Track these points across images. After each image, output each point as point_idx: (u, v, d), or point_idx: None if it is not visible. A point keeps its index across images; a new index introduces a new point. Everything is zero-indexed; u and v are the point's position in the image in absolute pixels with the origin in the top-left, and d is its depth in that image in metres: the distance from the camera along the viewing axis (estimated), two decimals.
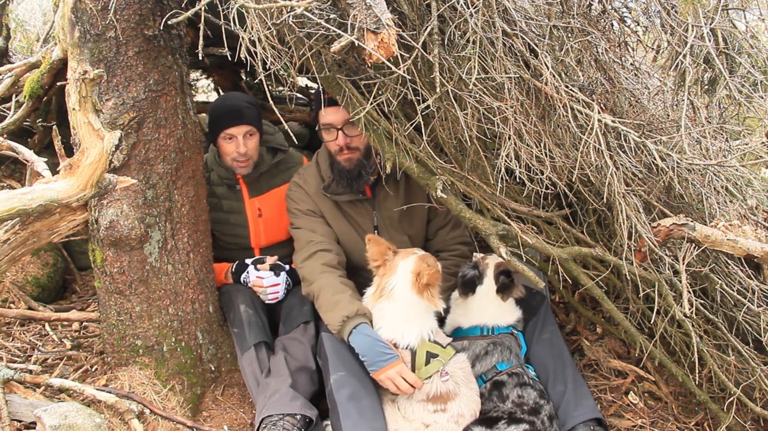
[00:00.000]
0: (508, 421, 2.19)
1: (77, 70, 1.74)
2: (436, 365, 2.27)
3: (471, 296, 2.52)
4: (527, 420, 2.20)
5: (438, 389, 2.26)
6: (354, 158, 2.53)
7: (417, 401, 2.27)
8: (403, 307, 2.31)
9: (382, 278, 2.38)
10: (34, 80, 3.06)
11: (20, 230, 1.97)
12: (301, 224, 2.67)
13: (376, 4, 1.63)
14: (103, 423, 2.09)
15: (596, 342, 2.86)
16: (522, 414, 2.22)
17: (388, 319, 2.32)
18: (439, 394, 2.25)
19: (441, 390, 2.25)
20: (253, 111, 2.83)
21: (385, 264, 2.39)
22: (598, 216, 2.49)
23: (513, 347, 2.44)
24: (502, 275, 2.47)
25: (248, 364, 2.55)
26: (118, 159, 2.26)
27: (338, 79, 2.05)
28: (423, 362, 2.27)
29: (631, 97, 2.42)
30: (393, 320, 2.32)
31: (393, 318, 2.32)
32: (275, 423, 2.20)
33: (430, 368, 2.27)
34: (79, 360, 2.65)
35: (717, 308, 2.31)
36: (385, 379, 2.23)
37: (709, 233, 2.04)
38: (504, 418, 2.21)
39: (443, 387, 2.26)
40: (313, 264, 2.50)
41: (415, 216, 2.71)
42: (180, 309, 2.50)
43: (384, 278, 2.37)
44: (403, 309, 2.31)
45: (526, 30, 2.00)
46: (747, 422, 2.33)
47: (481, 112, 1.96)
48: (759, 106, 2.10)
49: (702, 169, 2.24)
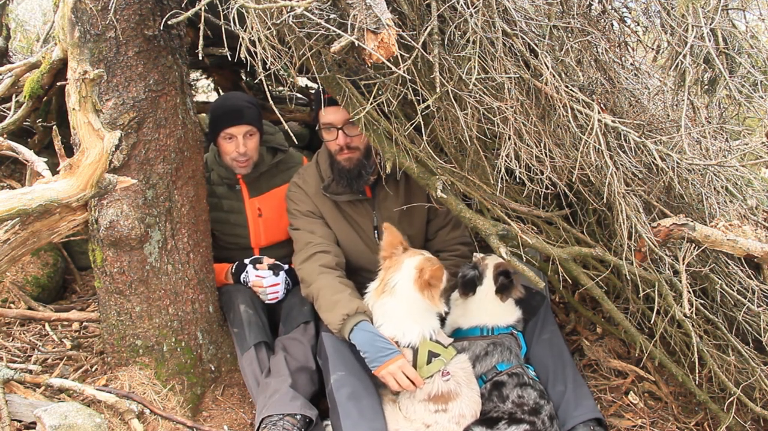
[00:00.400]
0: (509, 421, 2.19)
1: (77, 70, 1.74)
2: (437, 364, 2.27)
3: (471, 297, 2.52)
4: (528, 420, 2.20)
5: (440, 388, 2.25)
6: (354, 157, 2.53)
7: (418, 400, 2.27)
8: (405, 304, 2.31)
9: (387, 273, 2.37)
10: (34, 80, 3.06)
11: (20, 230, 1.97)
12: (301, 226, 2.66)
13: (376, 4, 1.63)
14: (103, 423, 2.09)
15: (596, 342, 2.86)
16: (522, 414, 2.22)
17: (390, 316, 2.32)
18: (440, 394, 2.25)
19: (442, 390, 2.25)
20: (253, 111, 2.83)
21: (392, 258, 2.38)
22: (598, 216, 2.49)
23: (513, 347, 2.44)
24: (501, 275, 2.47)
25: (248, 364, 2.55)
26: (118, 159, 2.26)
27: (338, 79, 2.05)
28: (425, 361, 2.27)
29: (631, 97, 2.42)
30: (395, 317, 2.31)
31: (395, 315, 2.31)
32: (275, 423, 2.20)
33: (432, 367, 2.26)
34: (79, 360, 2.65)
35: (717, 308, 2.31)
36: (387, 375, 2.22)
37: (709, 233, 2.04)
38: (504, 418, 2.21)
39: (444, 387, 2.25)
40: (312, 266, 2.50)
41: (415, 216, 2.71)
42: (180, 309, 2.50)
43: (388, 273, 2.36)
44: (406, 306, 2.31)
45: (526, 30, 2.00)
46: (747, 422, 2.33)
47: (481, 112, 1.96)
48: (759, 106, 2.09)
49: (702, 169, 2.24)
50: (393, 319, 2.31)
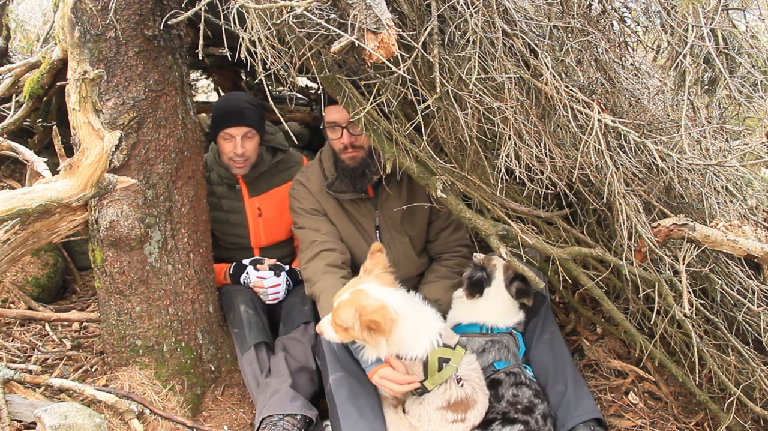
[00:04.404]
0: (503, 422, 2.19)
1: (77, 70, 1.74)
2: (448, 370, 2.19)
3: (478, 298, 2.51)
4: (521, 419, 2.18)
5: (458, 395, 2.18)
6: (358, 156, 2.53)
7: (435, 408, 2.20)
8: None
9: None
10: (34, 80, 3.06)
11: (20, 230, 1.97)
12: (305, 224, 2.66)
13: (376, 4, 1.63)
14: (103, 423, 2.09)
15: (596, 342, 2.86)
16: (516, 413, 2.21)
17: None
18: (459, 400, 2.18)
19: (461, 396, 2.19)
20: (254, 113, 2.83)
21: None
22: (598, 216, 2.49)
23: (511, 346, 2.44)
24: (516, 280, 2.47)
25: (248, 364, 2.55)
26: (118, 159, 2.26)
27: (338, 80, 2.05)
28: (435, 368, 2.18)
29: (631, 97, 2.42)
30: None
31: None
32: (275, 423, 2.20)
33: (444, 374, 2.19)
34: (79, 360, 2.65)
35: (717, 308, 2.31)
36: (377, 381, 2.19)
37: (709, 233, 2.04)
38: (498, 419, 2.20)
39: (462, 393, 2.19)
40: (317, 265, 2.49)
41: (416, 217, 2.71)
42: (180, 309, 2.50)
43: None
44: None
45: (526, 30, 1.99)
46: (747, 422, 2.33)
47: (481, 112, 1.96)
48: (759, 106, 2.10)
49: (702, 169, 2.24)
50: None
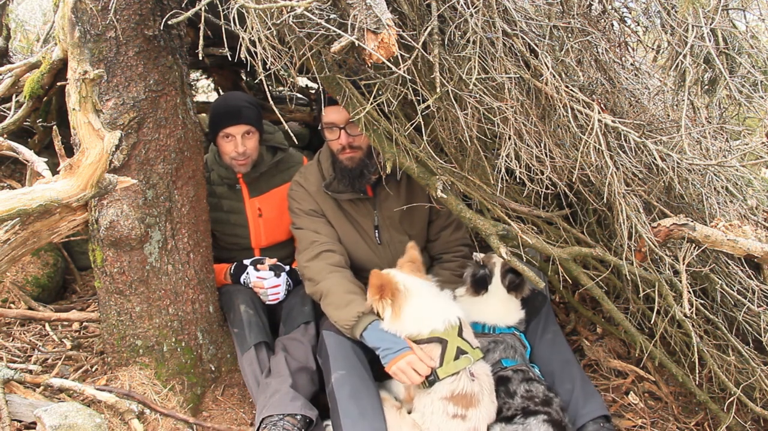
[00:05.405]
0: (524, 414, 2.18)
1: (77, 70, 1.74)
2: (464, 362, 2.19)
3: (482, 295, 2.51)
4: (543, 410, 2.18)
5: (464, 387, 2.17)
6: (356, 157, 2.53)
7: (438, 397, 2.19)
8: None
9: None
10: (34, 80, 3.06)
11: (20, 230, 1.97)
12: (304, 225, 2.66)
13: (376, 4, 1.63)
14: (103, 423, 2.09)
15: (596, 342, 2.86)
16: (536, 406, 2.20)
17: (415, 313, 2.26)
18: (464, 393, 2.17)
19: (467, 390, 2.17)
20: (252, 111, 2.83)
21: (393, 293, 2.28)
22: (598, 216, 2.49)
23: (517, 346, 2.44)
24: (509, 274, 2.47)
25: (248, 364, 2.55)
26: (118, 159, 2.26)
27: (338, 80, 2.05)
28: (452, 356, 2.19)
29: (631, 97, 2.42)
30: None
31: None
32: (275, 423, 2.20)
33: (459, 363, 2.19)
34: (79, 360, 2.65)
35: (717, 308, 2.31)
36: (397, 370, 2.18)
37: (709, 233, 2.04)
38: (519, 413, 2.19)
39: (470, 387, 2.17)
40: (320, 264, 2.49)
41: (415, 217, 2.71)
42: (180, 309, 2.50)
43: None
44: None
45: (526, 30, 1.99)
46: (747, 422, 2.33)
47: (481, 112, 1.96)
48: (759, 106, 2.10)
49: (702, 169, 2.24)
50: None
